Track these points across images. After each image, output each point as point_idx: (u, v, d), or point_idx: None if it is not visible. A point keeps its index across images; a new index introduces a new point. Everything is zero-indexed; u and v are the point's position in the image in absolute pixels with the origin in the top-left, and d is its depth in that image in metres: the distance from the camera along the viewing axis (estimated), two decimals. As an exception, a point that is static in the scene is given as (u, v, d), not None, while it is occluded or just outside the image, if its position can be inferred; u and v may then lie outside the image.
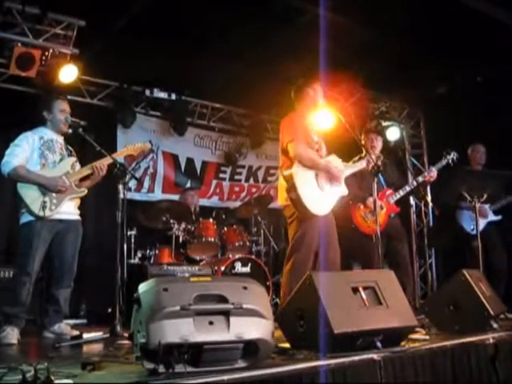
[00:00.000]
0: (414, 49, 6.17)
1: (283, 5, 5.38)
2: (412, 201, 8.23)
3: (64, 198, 4.30)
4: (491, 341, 3.28)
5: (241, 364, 2.43)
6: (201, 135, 8.07)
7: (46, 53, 5.72)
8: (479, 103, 6.67)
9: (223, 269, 5.98)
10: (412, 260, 7.15)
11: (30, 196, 4.18)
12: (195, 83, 7.06)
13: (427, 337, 3.44)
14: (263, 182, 8.63)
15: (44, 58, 5.73)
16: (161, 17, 5.57)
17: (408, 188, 5.55)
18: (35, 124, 4.50)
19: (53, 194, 4.23)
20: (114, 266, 4.48)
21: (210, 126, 8.10)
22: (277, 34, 5.88)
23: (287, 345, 3.06)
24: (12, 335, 4.00)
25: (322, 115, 4.66)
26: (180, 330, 2.27)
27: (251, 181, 8.56)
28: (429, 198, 6.80)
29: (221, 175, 8.30)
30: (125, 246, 4.74)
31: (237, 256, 6.22)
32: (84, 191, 4.47)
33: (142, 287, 2.44)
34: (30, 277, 4.10)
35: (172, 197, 7.38)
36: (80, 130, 4.51)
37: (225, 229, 6.60)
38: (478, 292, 3.71)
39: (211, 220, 6.51)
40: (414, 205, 8.37)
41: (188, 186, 7.69)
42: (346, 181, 4.57)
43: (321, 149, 4.52)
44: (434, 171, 5.43)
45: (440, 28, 5.75)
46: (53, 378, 2.19)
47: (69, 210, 4.39)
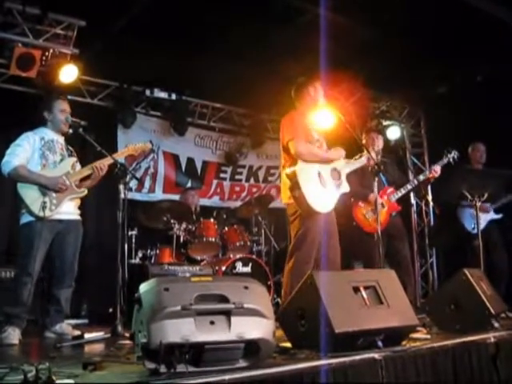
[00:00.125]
0: (415, 48, 6.17)
1: (283, 5, 5.38)
2: (413, 200, 8.24)
3: (64, 199, 4.29)
4: (492, 340, 3.27)
5: (242, 364, 2.43)
6: (201, 135, 8.07)
7: (47, 53, 5.73)
8: (479, 102, 6.67)
9: (224, 269, 5.98)
10: (413, 259, 7.15)
11: (30, 196, 4.17)
12: (195, 83, 7.06)
13: (428, 336, 3.43)
14: (264, 182, 8.62)
15: (44, 59, 5.73)
16: (161, 17, 5.57)
17: (409, 186, 5.55)
18: (36, 124, 4.49)
19: (53, 195, 4.23)
20: (115, 266, 4.48)
21: (211, 126, 8.09)
22: (277, 34, 5.88)
23: (288, 344, 3.05)
24: (13, 335, 4.00)
25: (323, 114, 4.65)
26: (181, 330, 2.27)
27: (252, 181, 8.56)
28: (429, 197, 6.80)
29: (221, 175, 8.30)
30: (126, 246, 4.74)
31: (238, 256, 6.22)
32: (84, 191, 4.47)
33: (143, 287, 2.44)
34: (31, 277, 4.10)
35: (173, 197, 7.37)
36: (80, 130, 4.50)
37: (225, 229, 6.60)
38: (479, 291, 3.71)
39: (212, 220, 6.51)
40: (415, 204, 8.38)
41: (189, 186, 7.69)
42: (348, 178, 4.57)
43: (321, 147, 4.51)
44: (438, 168, 5.42)
45: (440, 27, 5.75)
46: (54, 378, 2.19)
47: (69, 210, 4.38)
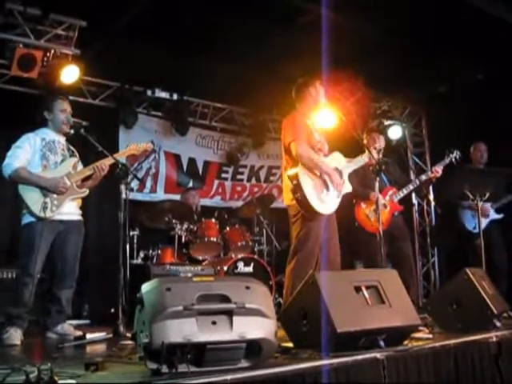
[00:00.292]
0: (415, 48, 6.17)
1: (283, 5, 5.37)
2: (414, 200, 8.24)
3: (65, 199, 4.29)
4: (494, 339, 3.27)
5: (244, 364, 2.43)
6: (203, 135, 8.07)
7: (48, 54, 5.73)
8: (481, 102, 6.66)
9: (226, 268, 5.98)
10: (415, 259, 7.14)
11: (31, 197, 4.17)
12: (197, 83, 7.06)
13: (430, 335, 3.42)
14: (265, 182, 8.63)
15: (46, 59, 5.73)
16: (161, 17, 5.57)
17: (411, 186, 5.55)
18: (37, 125, 4.48)
19: (54, 195, 4.22)
20: (117, 267, 4.49)
21: (212, 126, 8.10)
22: (277, 34, 5.89)
23: (290, 344, 3.05)
24: (15, 336, 4.00)
25: (324, 115, 4.65)
26: (183, 330, 2.27)
27: (253, 180, 8.56)
28: (431, 197, 6.79)
29: (223, 175, 8.30)
30: (127, 247, 4.75)
31: (239, 256, 6.22)
32: (85, 192, 4.46)
33: (145, 287, 2.43)
34: (33, 277, 4.10)
35: (174, 197, 7.37)
36: (82, 131, 4.49)
37: (227, 229, 6.60)
38: (481, 290, 3.70)
39: (214, 220, 6.51)
40: (417, 204, 8.37)
41: (190, 186, 7.70)
42: (349, 179, 4.57)
43: (323, 147, 4.50)
44: (440, 168, 5.42)
45: (441, 27, 5.75)
46: (56, 379, 2.19)
47: (70, 211, 4.37)
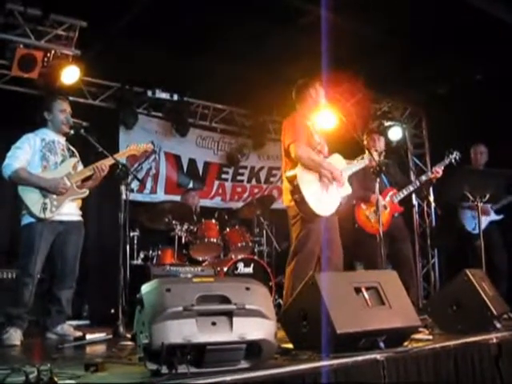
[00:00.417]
0: (415, 48, 6.17)
1: (283, 5, 5.37)
2: (415, 201, 8.24)
3: (65, 200, 4.28)
4: (494, 341, 3.27)
5: (244, 365, 2.42)
6: (203, 136, 8.08)
7: (48, 54, 5.73)
8: (481, 102, 6.66)
9: (226, 269, 5.97)
10: (415, 260, 7.14)
11: (31, 198, 4.16)
12: (197, 84, 7.06)
13: (430, 337, 3.42)
14: (265, 183, 8.63)
15: (46, 60, 5.74)
16: (161, 17, 5.57)
17: (411, 188, 5.55)
18: (37, 125, 4.49)
19: (53, 196, 4.22)
20: (117, 267, 4.49)
21: (212, 127, 8.10)
22: (277, 35, 5.89)
23: (290, 345, 3.05)
24: (15, 336, 3.99)
25: (324, 116, 4.65)
26: (183, 331, 2.27)
27: (253, 181, 8.56)
28: (431, 198, 6.79)
29: (223, 176, 8.30)
30: (127, 247, 4.74)
31: (239, 257, 6.22)
32: (85, 192, 4.45)
33: (145, 288, 2.43)
34: (33, 278, 4.10)
35: (174, 198, 7.37)
36: (82, 131, 4.49)
37: (227, 229, 6.60)
38: (481, 292, 3.70)
39: (214, 221, 6.51)
40: (417, 205, 8.37)
41: (190, 187, 7.70)
42: (350, 180, 4.56)
43: (323, 149, 4.50)
44: (440, 168, 5.42)
45: (441, 27, 5.75)
46: (56, 379, 2.19)
47: (70, 211, 4.37)
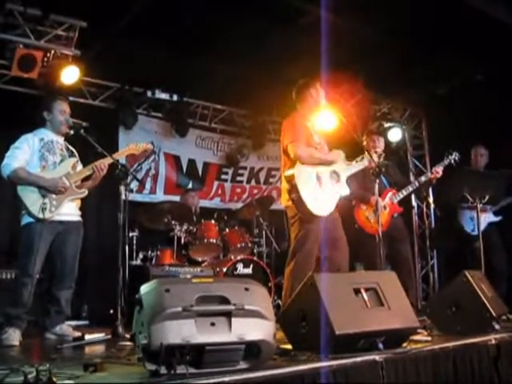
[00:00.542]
0: (415, 49, 6.18)
1: (283, 5, 5.38)
2: (414, 202, 8.24)
3: (64, 200, 4.28)
4: (493, 342, 3.27)
5: (242, 365, 2.42)
6: (202, 136, 8.08)
7: (48, 54, 5.73)
8: (481, 103, 6.66)
9: (225, 270, 5.97)
10: (414, 261, 7.14)
11: (30, 198, 4.16)
12: (196, 84, 7.06)
13: (429, 338, 3.42)
14: (265, 184, 8.63)
15: (46, 60, 5.73)
16: (161, 17, 5.57)
17: (411, 188, 5.55)
18: (36, 125, 4.49)
19: (53, 196, 4.22)
20: (116, 268, 4.49)
21: (212, 128, 8.10)
22: (277, 35, 5.89)
23: (289, 346, 3.05)
24: (14, 336, 3.99)
25: (324, 116, 4.65)
26: (182, 331, 2.27)
27: (253, 182, 8.56)
28: (431, 199, 6.79)
29: (222, 176, 8.30)
30: (126, 248, 4.74)
31: (239, 257, 6.21)
32: (84, 192, 4.45)
33: (144, 288, 2.43)
34: (32, 278, 4.10)
35: (174, 198, 7.37)
36: (82, 132, 4.49)
37: (227, 230, 6.60)
38: (480, 293, 3.70)
39: (213, 221, 6.51)
40: (416, 206, 8.37)
41: (190, 187, 7.70)
42: (349, 181, 4.56)
43: (322, 150, 4.50)
44: (439, 169, 5.42)
45: (441, 27, 5.75)
46: (55, 380, 2.19)
47: (69, 211, 4.37)
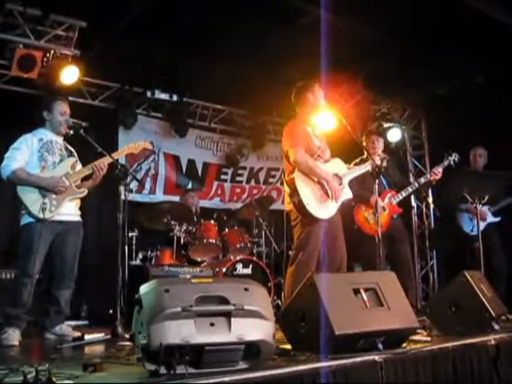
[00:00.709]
0: (415, 49, 6.18)
1: (283, 5, 5.38)
2: (413, 202, 8.24)
3: (64, 199, 4.28)
4: (493, 342, 3.27)
5: (242, 365, 2.42)
6: (202, 136, 8.08)
7: (48, 54, 5.73)
8: (481, 103, 6.67)
9: (224, 270, 5.97)
10: (413, 261, 7.14)
11: (30, 198, 4.16)
12: (196, 84, 7.06)
13: (429, 338, 3.42)
14: (264, 184, 8.63)
15: (45, 60, 5.73)
16: (161, 17, 5.57)
17: (410, 189, 5.55)
18: (36, 125, 4.48)
19: (52, 196, 4.22)
20: (116, 267, 4.49)
21: (211, 128, 8.10)
22: (277, 35, 5.89)
23: (288, 346, 3.05)
24: (13, 336, 3.99)
25: (324, 117, 4.65)
26: (181, 332, 2.27)
27: (252, 182, 8.56)
28: (430, 200, 6.79)
29: (222, 177, 8.30)
30: (126, 248, 4.75)
31: (238, 257, 6.21)
32: (84, 192, 4.45)
33: (144, 288, 2.44)
34: (31, 278, 4.10)
35: (173, 198, 7.37)
36: (81, 132, 4.49)
37: (226, 230, 6.60)
38: (480, 293, 3.70)
39: (212, 221, 6.51)
40: (416, 207, 8.37)
41: (189, 188, 7.70)
42: (350, 184, 4.57)
43: (324, 153, 4.50)
44: (439, 170, 5.42)
45: (441, 29, 5.75)
46: (54, 380, 2.19)
47: (69, 211, 4.37)
